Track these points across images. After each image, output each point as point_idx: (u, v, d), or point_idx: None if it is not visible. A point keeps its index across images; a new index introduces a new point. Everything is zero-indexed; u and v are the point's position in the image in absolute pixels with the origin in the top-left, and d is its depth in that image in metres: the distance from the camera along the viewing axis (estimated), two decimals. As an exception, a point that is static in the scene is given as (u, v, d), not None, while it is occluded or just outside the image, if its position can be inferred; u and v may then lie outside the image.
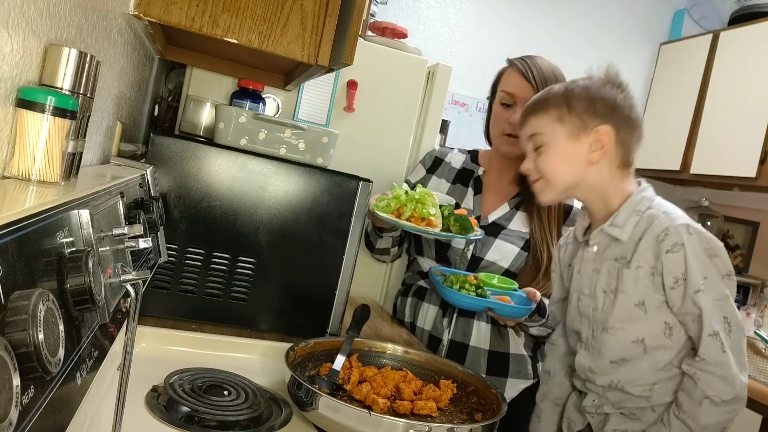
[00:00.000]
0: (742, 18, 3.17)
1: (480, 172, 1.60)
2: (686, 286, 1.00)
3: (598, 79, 1.11)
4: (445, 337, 1.51)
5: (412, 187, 1.41)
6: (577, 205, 1.54)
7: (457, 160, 1.66)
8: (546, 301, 1.38)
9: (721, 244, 1.04)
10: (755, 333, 2.45)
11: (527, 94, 1.45)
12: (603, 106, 1.08)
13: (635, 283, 1.05)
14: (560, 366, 1.27)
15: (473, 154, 1.66)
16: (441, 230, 1.29)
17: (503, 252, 1.48)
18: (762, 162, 2.74)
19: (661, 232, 1.02)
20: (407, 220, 1.28)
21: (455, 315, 1.51)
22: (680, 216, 1.05)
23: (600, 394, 1.14)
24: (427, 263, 1.58)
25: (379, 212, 1.29)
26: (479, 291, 1.32)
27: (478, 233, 1.36)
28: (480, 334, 1.48)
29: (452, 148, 1.71)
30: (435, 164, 1.68)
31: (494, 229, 1.50)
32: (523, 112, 1.16)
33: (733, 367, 0.99)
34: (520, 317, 1.35)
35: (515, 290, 1.38)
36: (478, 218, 1.52)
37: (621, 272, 1.07)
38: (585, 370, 1.14)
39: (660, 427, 1.06)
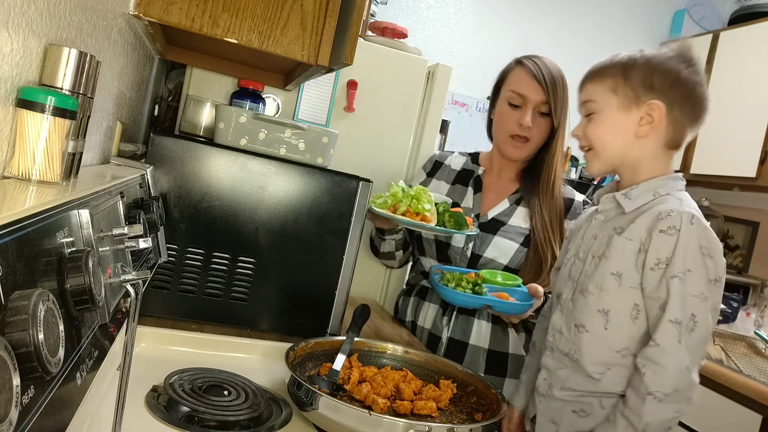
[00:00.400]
0: (742, 18, 3.17)
1: (480, 171, 1.60)
2: (665, 270, 0.99)
3: (665, 53, 1.08)
4: (444, 335, 1.51)
5: None
6: (578, 198, 1.53)
7: (457, 162, 1.66)
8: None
9: (721, 248, 1.02)
10: (755, 333, 2.44)
11: (538, 96, 1.45)
12: (661, 80, 1.05)
13: (621, 251, 1.04)
14: (541, 339, 1.26)
15: (474, 156, 1.67)
16: (436, 226, 1.31)
17: (502, 249, 1.47)
18: (762, 162, 2.74)
19: (664, 212, 1.01)
20: (403, 215, 1.30)
21: (455, 313, 1.51)
22: (693, 207, 1.03)
23: (552, 371, 1.13)
24: (428, 263, 1.58)
25: (375, 208, 1.30)
26: (476, 288, 1.31)
27: (473, 230, 1.37)
28: (480, 333, 1.48)
29: (452, 152, 1.71)
30: (435, 168, 1.68)
31: (493, 226, 1.50)
32: (584, 77, 1.15)
33: (686, 361, 0.97)
34: (520, 314, 1.33)
35: (519, 286, 1.37)
36: (477, 216, 1.52)
37: (612, 239, 1.06)
38: (555, 331, 1.15)
39: (606, 427, 1.04)
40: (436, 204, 1.34)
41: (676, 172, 1.12)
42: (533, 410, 1.20)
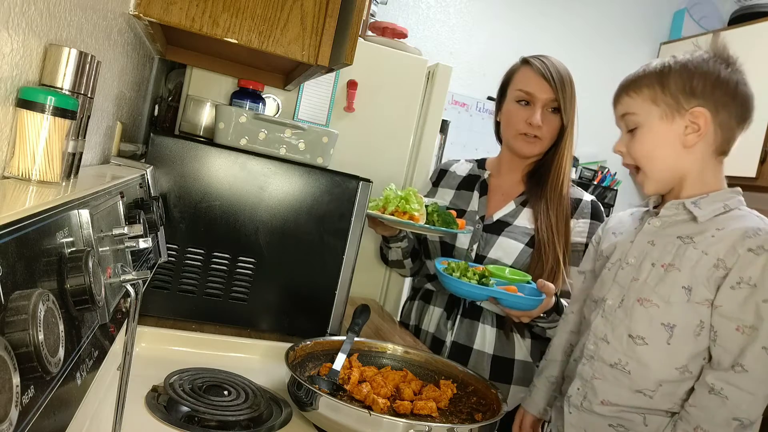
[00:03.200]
0: (742, 18, 3.17)
1: (485, 175, 1.60)
2: (753, 291, 0.93)
3: (700, 55, 1.04)
4: (448, 339, 1.49)
5: None
6: (587, 198, 1.51)
7: (462, 168, 1.66)
8: (563, 301, 1.34)
9: None
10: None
11: (546, 94, 1.44)
12: (701, 83, 1.00)
13: (695, 264, 0.98)
14: (563, 342, 1.23)
15: (480, 162, 1.66)
16: (425, 225, 1.32)
17: (506, 249, 1.46)
18: (762, 162, 2.74)
19: (752, 230, 0.95)
20: (392, 215, 1.33)
21: (459, 317, 1.49)
22: None
23: (588, 380, 1.07)
24: (433, 266, 1.57)
25: (369, 210, 1.32)
26: (483, 280, 1.25)
27: (465, 230, 1.37)
28: (484, 338, 1.46)
29: (458, 159, 1.71)
30: (440, 176, 1.68)
31: (498, 227, 1.49)
32: (618, 90, 1.10)
33: (766, 389, 0.92)
34: (529, 309, 1.26)
35: (529, 283, 1.31)
36: (482, 218, 1.52)
37: (683, 249, 0.99)
38: (597, 338, 1.08)
39: None
40: (426, 205, 1.36)
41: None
42: (557, 419, 1.15)
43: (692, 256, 0.99)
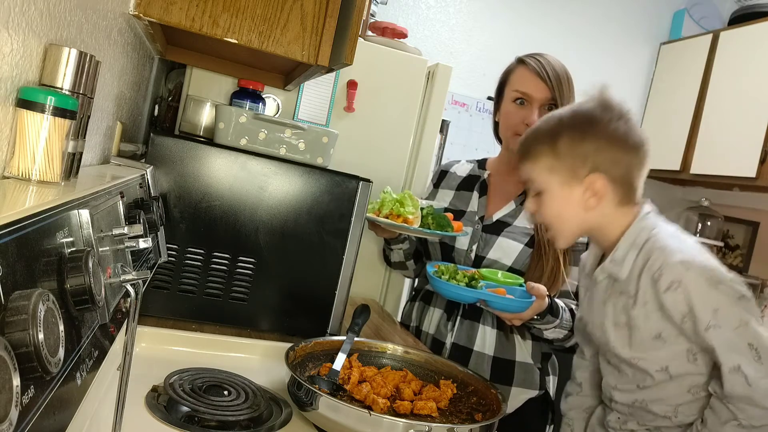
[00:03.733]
0: (742, 18, 3.17)
1: (485, 175, 1.59)
2: (695, 321, 0.96)
3: (588, 109, 1.05)
4: (448, 341, 1.49)
5: None
6: None
7: (463, 169, 1.65)
8: (558, 301, 1.34)
9: (723, 269, 0.98)
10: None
11: (543, 93, 1.43)
12: (593, 147, 1.02)
13: (646, 318, 1.01)
14: (590, 378, 1.25)
15: (481, 162, 1.65)
16: (419, 227, 1.34)
17: (505, 249, 1.46)
18: (762, 162, 2.74)
19: (656, 271, 0.98)
20: (386, 218, 1.35)
21: (459, 318, 1.49)
22: (677, 250, 0.99)
23: (625, 413, 1.11)
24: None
25: (366, 214, 1.32)
26: (472, 283, 1.26)
27: (461, 233, 1.38)
28: (485, 339, 1.46)
29: (459, 160, 1.71)
30: (440, 177, 1.68)
31: (498, 227, 1.48)
32: (517, 155, 1.13)
33: (766, 397, 0.93)
34: (519, 312, 1.27)
35: (521, 285, 1.32)
36: (481, 218, 1.51)
37: (629, 309, 1.03)
38: (610, 387, 1.12)
39: None
40: (421, 208, 1.37)
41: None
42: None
43: (639, 314, 1.02)
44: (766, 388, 0.93)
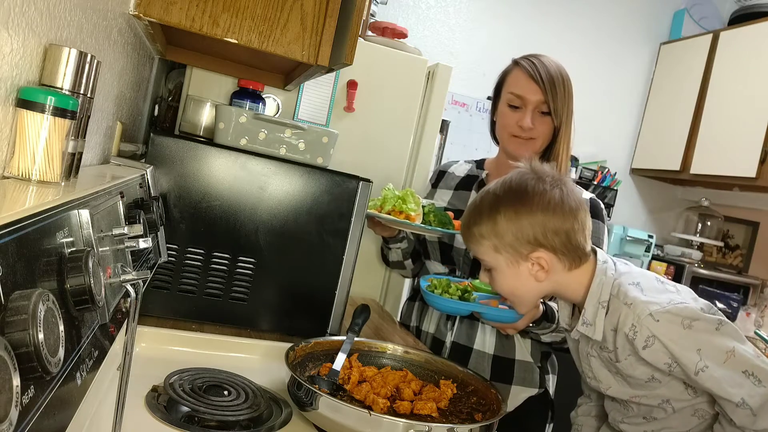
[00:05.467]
0: (742, 18, 3.17)
1: (484, 175, 1.59)
2: (683, 369, 0.96)
3: (521, 183, 1.05)
4: (448, 339, 1.49)
5: None
6: (585, 196, 1.48)
7: (461, 169, 1.65)
8: (553, 305, 1.34)
9: (692, 300, 0.99)
10: (755, 333, 2.45)
11: (536, 96, 1.43)
12: (530, 226, 1.02)
13: (634, 369, 1.01)
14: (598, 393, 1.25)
15: (479, 162, 1.66)
16: (422, 225, 1.34)
17: None
18: (762, 162, 2.74)
19: (629, 330, 0.98)
20: (388, 214, 1.36)
21: (458, 317, 1.49)
22: (641, 302, 0.98)
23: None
24: (433, 266, 1.57)
25: (368, 210, 1.33)
26: (465, 295, 1.28)
27: (459, 231, 1.37)
28: (484, 338, 1.46)
29: (458, 160, 1.71)
30: (438, 178, 1.68)
31: None
32: (462, 231, 1.13)
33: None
34: (511, 322, 1.29)
35: None
36: None
37: (614, 364, 1.04)
38: (617, 421, 1.12)
39: None
40: (423, 206, 1.37)
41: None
42: None
43: (626, 365, 1.02)
44: (765, 420, 0.93)
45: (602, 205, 1.50)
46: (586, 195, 1.51)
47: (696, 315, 0.96)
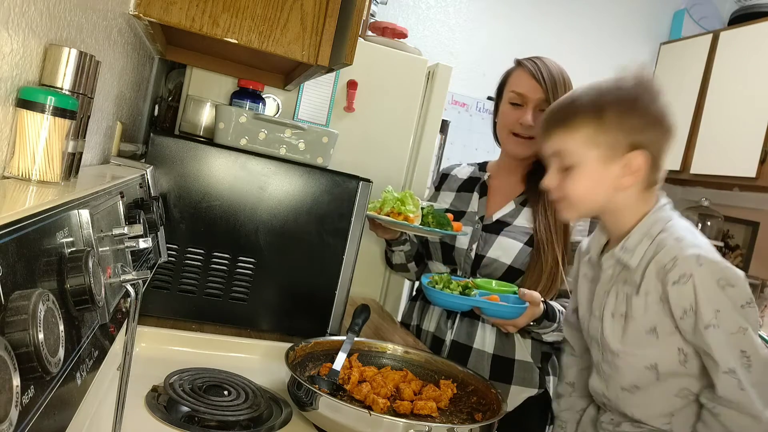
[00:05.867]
0: (742, 18, 3.17)
1: (486, 177, 1.60)
2: (696, 318, 0.95)
3: (631, 87, 1.01)
4: (448, 338, 1.49)
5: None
6: None
7: (464, 172, 1.67)
8: (554, 304, 1.34)
9: (738, 272, 0.97)
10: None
11: (538, 95, 1.44)
12: (639, 123, 0.99)
13: (645, 309, 1.00)
14: (579, 377, 1.24)
15: (482, 165, 1.67)
16: (420, 225, 1.35)
17: (505, 248, 1.46)
18: (762, 162, 2.74)
19: (669, 262, 0.96)
20: (387, 216, 1.36)
21: (459, 315, 1.49)
22: (692, 244, 0.97)
23: (617, 423, 1.10)
24: (435, 266, 1.58)
25: (367, 212, 1.33)
26: (465, 291, 1.28)
27: (458, 232, 1.40)
28: (484, 337, 1.46)
29: (460, 163, 1.72)
30: (441, 181, 1.69)
31: (497, 227, 1.49)
32: (546, 123, 1.06)
33: (756, 403, 0.93)
34: (512, 318, 1.29)
35: (514, 293, 1.33)
36: (481, 218, 1.52)
37: (630, 299, 1.01)
38: (600, 396, 1.11)
39: None
40: (422, 207, 1.38)
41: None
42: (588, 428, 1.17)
43: (639, 303, 1.01)
44: (753, 397, 0.93)
45: None
46: None
47: (734, 281, 0.96)
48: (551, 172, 1.07)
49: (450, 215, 1.44)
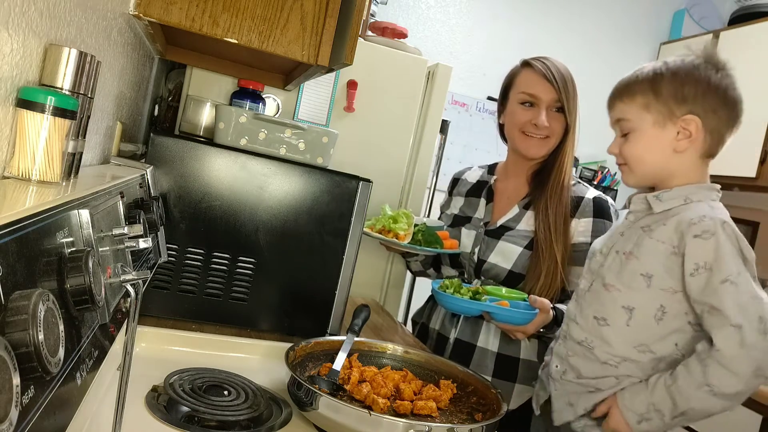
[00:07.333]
0: (742, 18, 3.17)
1: (492, 180, 1.60)
2: (711, 275, 0.97)
3: (690, 60, 1.07)
4: (452, 336, 1.50)
5: (440, 214, 1.67)
6: (589, 195, 1.50)
7: (473, 175, 1.68)
8: (562, 308, 1.34)
9: (753, 254, 1.00)
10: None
11: (550, 95, 1.45)
12: (693, 91, 1.04)
13: (652, 254, 1.03)
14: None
15: (491, 167, 1.67)
16: (410, 243, 1.45)
17: (505, 253, 1.47)
18: (762, 162, 2.74)
19: (696, 217, 1.00)
20: (378, 233, 1.47)
21: (463, 315, 1.50)
22: (725, 215, 1.02)
23: (564, 358, 1.15)
24: (446, 270, 1.62)
25: (364, 228, 1.38)
26: (476, 296, 1.29)
27: (449, 250, 1.48)
28: (488, 335, 1.47)
29: (471, 167, 1.72)
30: (453, 185, 1.72)
31: (499, 232, 1.49)
32: (612, 95, 1.14)
33: (748, 367, 0.94)
34: (522, 324, 1.30)
35: (524, 300, 1.34)
36: (486, 224, 1.52)
37: (641, 239, 1.05)
38: (569, 319, 1.16)
39: (640, 386, 1.04)
40: (415, 225, 1.47)
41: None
42: (543, 395, 1.22)
43: (649, 245, 1.04)
44: (754, 357, 0.94)
45: (610, 203, 1.49)
46: (591, 194, 1.50)
47: (749, 259, 0.99)
48: (614, 140, 1.15)
49: (444, 233, 1.49)
